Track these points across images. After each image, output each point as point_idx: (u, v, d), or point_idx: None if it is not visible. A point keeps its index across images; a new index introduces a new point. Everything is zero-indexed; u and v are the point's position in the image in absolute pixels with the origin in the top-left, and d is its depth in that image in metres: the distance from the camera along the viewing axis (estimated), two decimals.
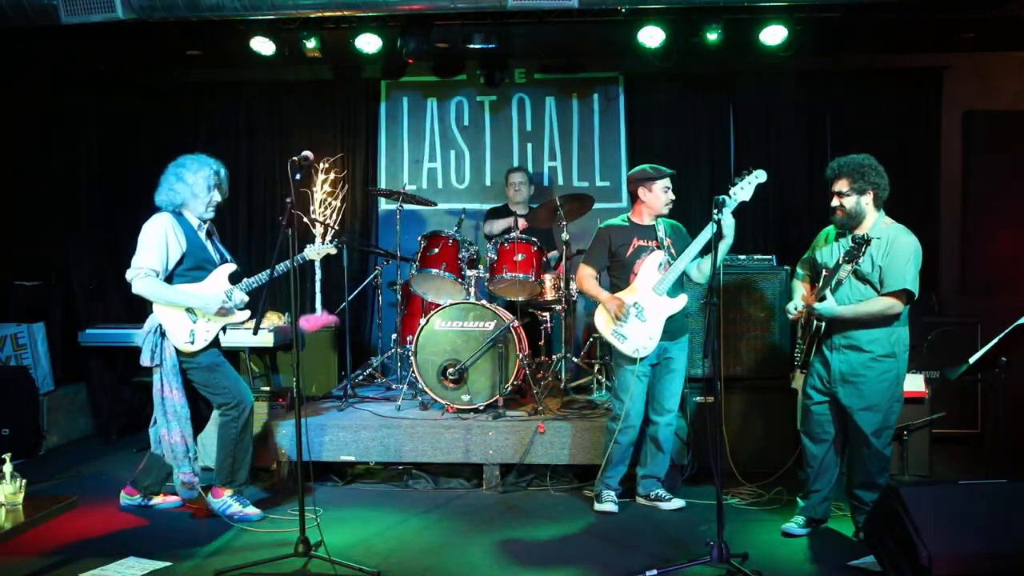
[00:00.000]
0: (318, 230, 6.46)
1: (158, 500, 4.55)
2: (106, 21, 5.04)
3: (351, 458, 4.94)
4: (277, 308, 6.25)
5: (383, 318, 6.39)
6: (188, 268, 4.27)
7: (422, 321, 5.19)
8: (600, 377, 5.62)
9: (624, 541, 4.05)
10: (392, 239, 5.98)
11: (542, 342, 5.81)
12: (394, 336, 5.93)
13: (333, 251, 4.78)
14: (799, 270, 4.23)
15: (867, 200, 3.88)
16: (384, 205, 7.08)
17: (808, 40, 5.93)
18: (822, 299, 3.81)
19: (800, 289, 4.15)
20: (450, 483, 4.96)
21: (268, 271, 4.20)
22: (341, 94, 7.03)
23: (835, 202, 3.93)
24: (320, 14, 5.39)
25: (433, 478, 4.97)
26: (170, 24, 5.32)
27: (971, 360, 3.87)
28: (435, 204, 6.30)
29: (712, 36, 5.75)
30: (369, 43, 6.05)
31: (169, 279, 4.24)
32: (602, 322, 4.39)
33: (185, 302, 4.20)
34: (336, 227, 6.51)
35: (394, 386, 5.77)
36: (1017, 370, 3.87)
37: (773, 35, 5.81)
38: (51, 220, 6.32)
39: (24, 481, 3.66)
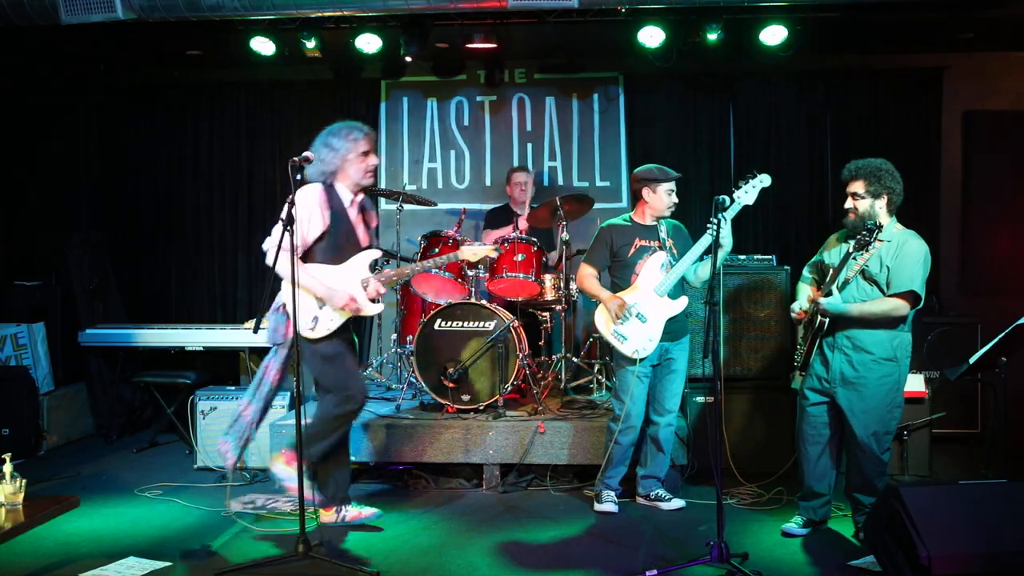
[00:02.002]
0: None
1: (352, 512, 4.21)
2: (106, 21, 5.04)
3: (351, 458, 4.93)
4: None
5: (383, 318, 6.39)
6: (330, 246, 3.97)
7: (422, 321, 5.19)
8: (600, 377, 5.62)
9: (624, 541, 4.05)
10: (392, 239, 5.97)
11: (542, 342, 5.80)
12: (394, 336, 5.92)
13: (493, 255, 4.46)
14: (806, 273, 4.22)
15: (881, 204, 3.86)
16: (384, 205, 7.08)
17: (808, 40, 5.93)
18: (828, 295, 3.81)
19: (806, 291, 4.14)
20: (450, 483, 4.96)
21: (411, 267, 4.08)
22: (341, 94, 7.03)
23: (849, 203, 3.91)
24: (320, 14, 5.38)
25: (433, 478, 4.97)
26: (170, 24, 5.32)
27: (971, 360, 3.87)
28: (435, 204, 6.29)
29: (712, 36, 5.75)
30: (369, 43, 6.05)
31: (308, 255, 3.97)
32: (602, 322, 4.39)
33: (313, 289, 3.92)
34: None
35: (394, 386, 5.76)
36: (1017, 370, 3.87)
37: (773, 35, 5.81)
38: (51, 220, 6.33)
39: (24, 481, 3.66)
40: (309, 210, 3.89)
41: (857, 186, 3.87)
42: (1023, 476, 3.78)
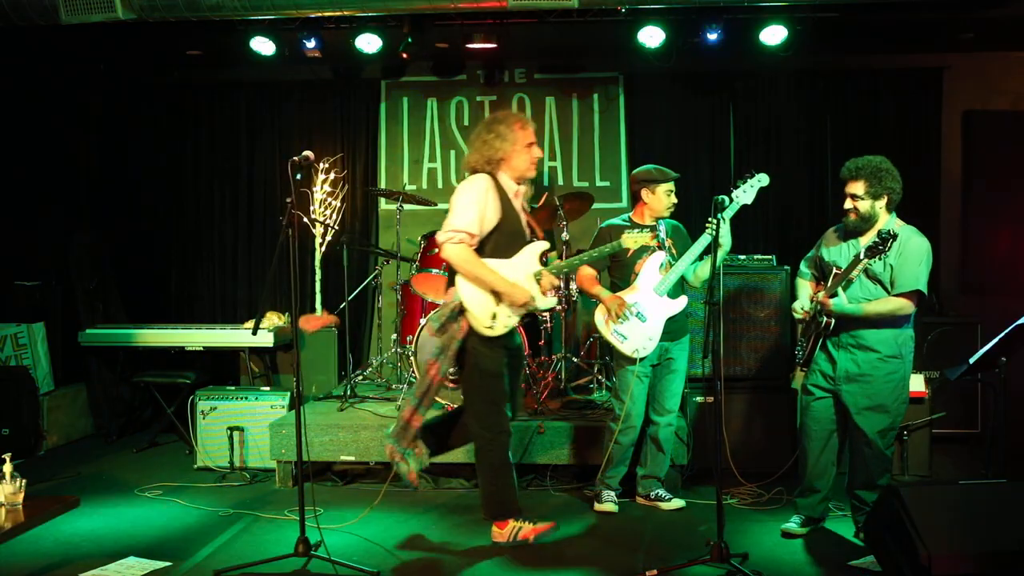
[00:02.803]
0: (318, 230, 6.47)
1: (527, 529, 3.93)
2: (106, 21, 5.04)
3: (351, 458, 4.94)
4: (277, 308, 6.26)
5: (383, 318, 6.39)
6: (501, 239, 3.77)
7: (422, 321, 5.19)
8: (600, 377, 5.62)
9: (624, 541, 4.05)
10: (392, 239, 5.97)
11: (542, 342, 5.80)
12: (394, 336, 5.93)
13: (652, 243, 4.14)
14: (804, 269, 4.20)
15: (881, 204, 3.85)
16: (384, 205, 7.08)
17: (808, 40, 5.93)
18: (834, 296, 3.80)
19: (805, 288, 4.13)
20: (450, 483, 4.96)
21: (579, 258, 3.91)
22: (341, 94, 7.03)
23: (849, 204, 3.88)
24: (320, 14, 5.38)
25: (433, 478, 4.97)
26: (170, 24, 5.32)
27: (971, 360, 3.87)
28: (435, 204, 6.29)
29: (712, 36, 5.75)
30: (369, 43, 6.05)
31: (478, 251, 3.75)
32: (602, 322, 4.39)
33: (493, 283, 3.70)
34: (336, 227, 6.51)
35: (394, 386, 5.77)
36: (1017, 370, 3.87)
37: (773, 35, 5.81)
38: (51, 220, 6.32)
39: (24, 481, 3.65)
40: (484, 200, 3.71)
41: (857, 187, 3.85)
42: (1023, 476, 3.78)
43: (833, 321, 3.87)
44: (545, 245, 3.90)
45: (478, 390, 3.84)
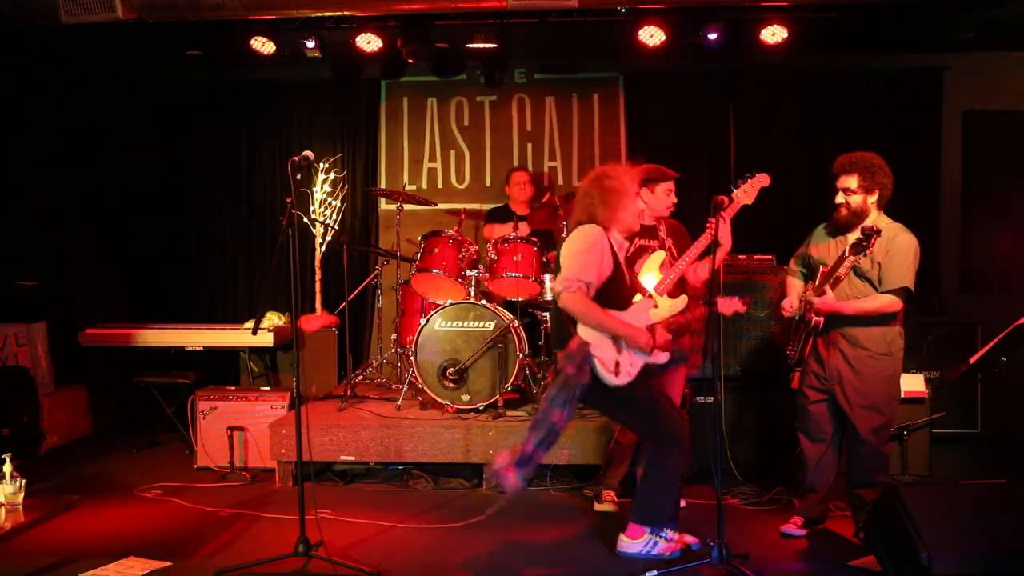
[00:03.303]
0: (318, 230, 6.47)
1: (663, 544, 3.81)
2: (106, 21, 5.04)
3: (351, 458, 4.94)
4: (277, 308, 6.26)
5: (383, 318, 6.39)
6: (612, 292, 3.66)
7: (422, 321, 5.19)
8: None
9: None
10: (392, 239, 5.98)
11: (542, 342, 5.80)
12: (394, 336, 5.93)
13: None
14: (792, 266, 4.19)
15: (873, 200, 3.85)
16: (384, 205, 7.08)
17: (808, 40, 5.93)
18: (821, 294, 3.80)
19: (795, 286, 4.13)
20: (450, 483, 4.96)
21: (682, 299, 3.83)
22: (341, 94, 7.03)
23: (840, 198, 3.88)
24: (320, 14, 5.39)
25: (433, 478, 4.97)
26: (170, 24, 5.33)
27: (971, 360, 3.87)
28: (435, 204, 6.29)
29: (712, 36, 5.75)
30: (369, 43, 6.05)
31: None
32: None
33: (614, 329, 3.59)
34: (336, 227, 6.52)
35: (394, 386, 5.77)
36: (1017, 370, 3.87)
37: (773, 35, 5.81)
38: (51, 220, 6.33)
39: (24, 481, 3.66)
40: (603, 247, 3.62)
41: (851, 181, 3.84)
42: (1023, 476, 3.78)
43: (822, 320, 3.87)
44: (651, 303, 3.77)
45: (627, 419, 3.92)
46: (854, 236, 3.84)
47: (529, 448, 3.62)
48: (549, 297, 5.54)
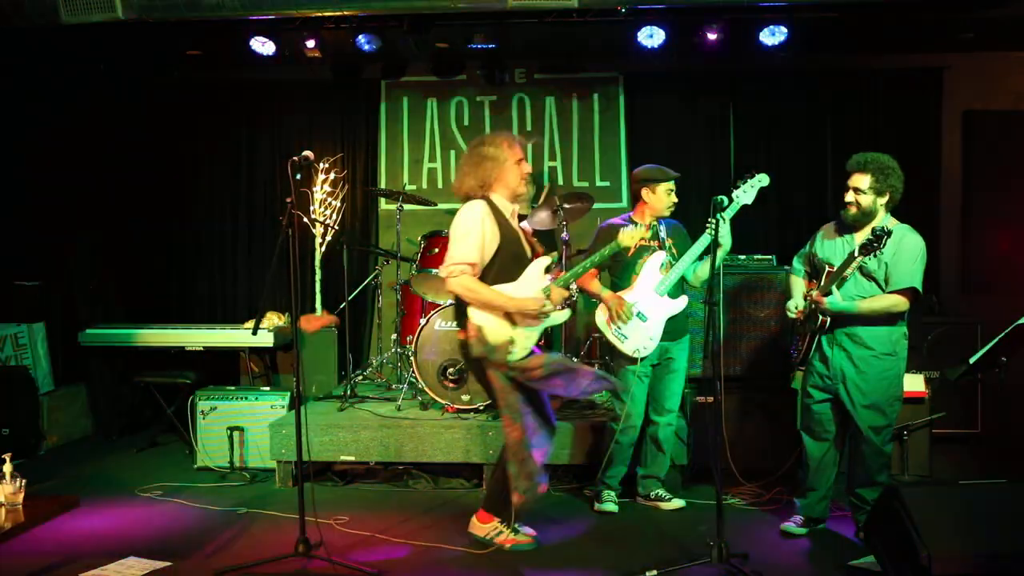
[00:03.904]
0: (318, 230, 6.47)
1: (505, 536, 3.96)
2: (106, 21, 5.04)
3: (351, 458, 4.94)
4: (277, 308, 6.26)
5: (383, 318, 6.39)
6: (504, 263, 3.73)
7: (422, 321, 5.20)
8: None
9: (624, 541, 4.05)
10: (392, 239, 5.97)
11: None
12: (394, 336, 5.93)
13: (647, 233, 4.08)
14: (797, 265, 4.20)
15: (883, 201, 3.84)
16: (384, 205, 7.08)
17: (808, 40, 5.93)
18: (828, 294, 3.80)
19: (799, 286, 4.12)
20: (450, 483, 4.96)
21: (582, 265, 3.89)
22: (341, 94, 7.03)
23: (850, 197, 3.85)
24: (320, 14, 5.39)
25: (433, 478, 4.98)
26: (170, 24, 5.32)
27: (971, 360, 3.87)
28: (435, 204, 6.29)
29: (712, 36, 5.75)
30: (369, 43, 6.05)
31: (482, 277, 3.71)
32: (603, 321, 4.39)
33: (502, 305, 3.67)
34: (336, 227, 6.51)
35: (394, 386, 5.77)
36: (1017, 370, 3.87)
37: (773, 35, 5.81)
38: (51, 220, 6.32)
39: (24, 481, 3.65)
40: (484, 227, 3.68)
41: (863, 181, 3.82)
42: (1023, 476, 3.78)
43: (828, 320, 3.87)
44: (548, 260, 3.84)
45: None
46: (862, 236, 3.85)
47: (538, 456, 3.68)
48: None
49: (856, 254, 3.70)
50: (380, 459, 4.97)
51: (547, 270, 3.80)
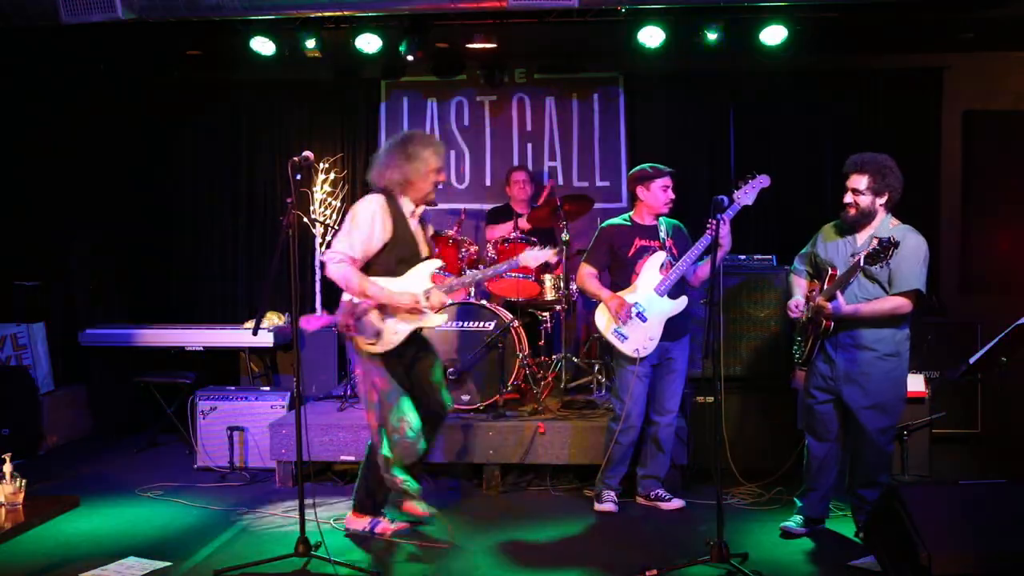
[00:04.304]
0: (318, 230, 6.47)
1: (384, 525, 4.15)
2: (106, 21, 5.04)
3: (351, 458, 4.94)
4: (277, 308, 6.26)
5: None
6: (390, 258, 3.85)
7: None
8: (600, 377, 5.61)
9: (624, 541, 4.05)
10: None
11: (542, 342, 5.80)
12: None
13: (553, 259, 4.21)
14: (798, 266, 4.18)
15: (882, 202, 3.83)
16: None
17: (808, 40, 5.93)
18: (831, 299, 3.79)
19: (801, 286, 4.11)
20: (450, 483, 4.96)
21: (471, 275, 4.06)
22: (341, 94, 7.03)
23: (849, 198, 3.85)
24: (320, 14, 5.39)
25: (433, 478, 4.97)
26: (170, 24, 5.32)
27: (971, 360, 3.86)
28: (435, 204, 6.27)
29: (712, 36, 5.75)
30: (369, 43, 6.05)
31: (367, 267, 3.83)
32: (603, 321, 4.39)
33: (375, 296, 3.77)
34: (336, 227, 6.50)
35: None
36: (1017, 370, 3.87)
37: (773, 35, 5.81)
38: (51, 220, 6.33)
39: (24, 481, 3.66)
40: (372, 224, 3.78)
41: (861, 181, 3.81)
42: (1023, 476, 3.78)
43: (832, 323, 3.86)
44: (437, 263, 3.97)
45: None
46: (863, 236, 3.84)
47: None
48: (550, 297, 5.55)
49: (862, 263, 3.65)
50: None
51: (435, 274, 3.94)
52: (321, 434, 4.90)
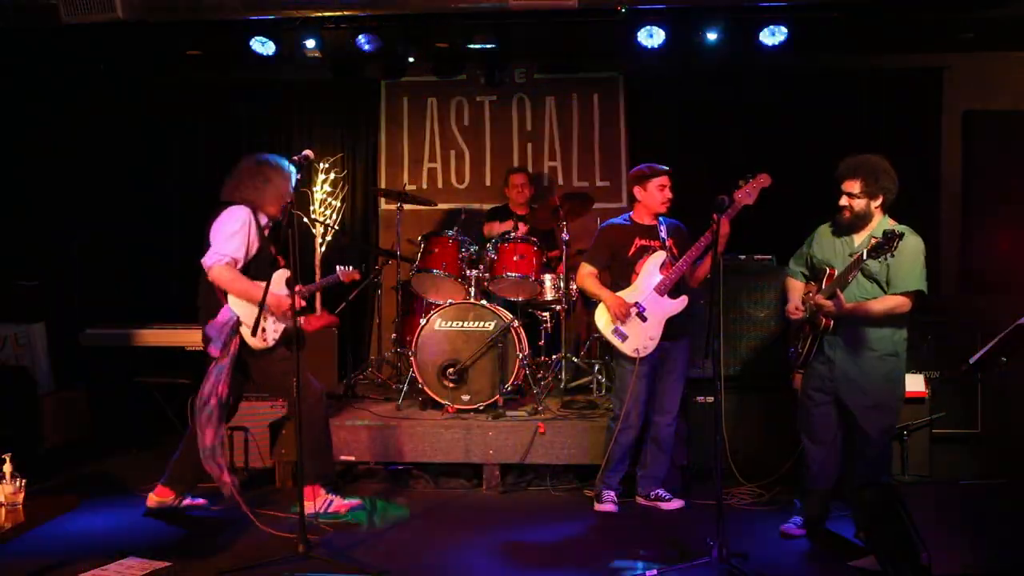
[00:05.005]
0: (318, 230, 6.47)
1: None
2: (106, 21, 5.04)
3: (351, 458, 4.94)
4: None
5: (383, 318, 6.39)
6: (256, 266, 4.17)
7: (422, 321, 5.20)
8: (600, 377, 5.62)
9: (624, 541, 4.05)
10: (392, 239, 5.98)
11: (542, 342, 5.80)
12: (394, 336, 5.93)
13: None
14: (793, 267, 4.18)
15: (876, 204, 3.84)
16: (384, 205, 7.08)
17: (808, 40, 5.93)
18: (831, 297, 3.79)
19: (797, 287, 4.11)
20: (450, 483, 4.96)
21: (321, 281, 4.44)
22: (341, 94, 7.03)
23: (844, 201, 3.86)
24: (320, 14, 5.39)
25: (433, 478, 4.98)
26: (170, 24, 5.32)
27: (971, 360, 3.86)
28: (435, 204, 6.29)
29: (712, 36, 5.75)
30: (369, 43, 6.04)
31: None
32: (603, 321, 4.39)
33: (259, 297, 4.03)
34: (336, 227, 6.51)
35: (394, 386, 5.77)
36: (1017, 370, 3.87)
37: (773, 35, 5.81)
38: (51, 220, 6.33)
39: (24, 481, 3.66)
40: (248, 230, 4.12)
41: (854, 185, 3.82)
42: (1023, 476, 3.78)
43: (832, 322, 3.86)
44: (287, 273, 4.23)
45: (282, 382, 4.21)
46: (861, 237, 3.85)
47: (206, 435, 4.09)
48: (549, 297, 5.55)
49: (865, 257, 3.65)
50: (380, 459, 4.96)
51: (287, 282, 4.22)
52: None
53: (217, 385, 4.10)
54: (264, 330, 4.14)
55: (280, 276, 4.23)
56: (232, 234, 4.09)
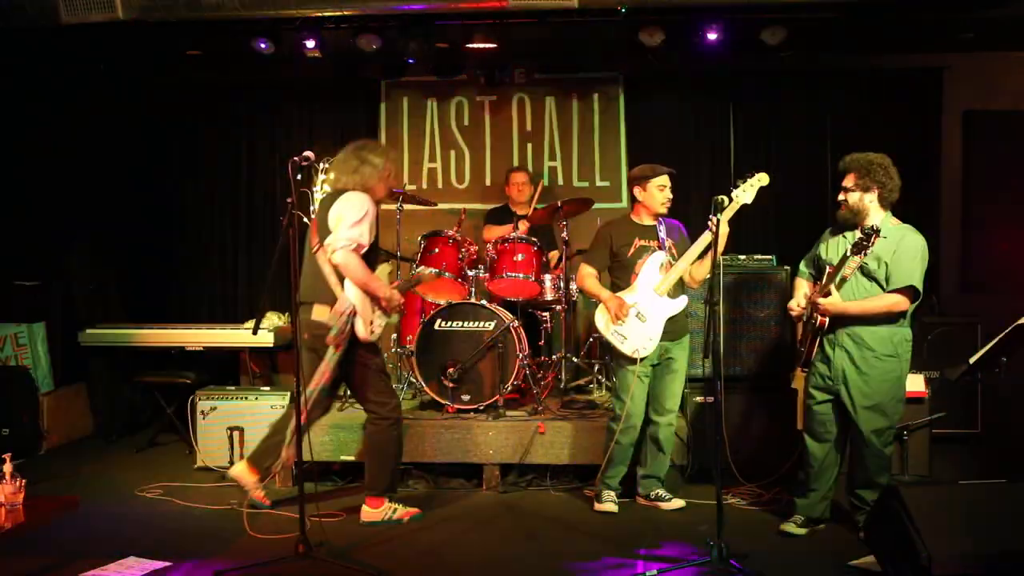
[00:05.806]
0: None
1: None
2: (106, 21, 5.04)
3: (351, 458, 4.94)
4: (277, 308, 6.26)
5: None
6: (369, 256, 4.10)
7: (422, 321, 5.19)
8: (600, 377, 5.61)
9: (624, 541, 4.05)
10: (392, 239, 5.97)
11: (542, 342, 5.80)
12: (394, 336, 5.92)
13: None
14: (802, 268, 4.22)
15: (871, 198, 3.88)
16: (384, 205, 7.06)
17: (808, 40, 5.93)
18: (827, 295, 3.81)
19: (803, 287, 4.14)
20: (450, 483, 4.96)
21: (407, 279, 4.48)
22: (341, 94, 7.03)
23: (841, 197, 3.96)
24: (320, 14, 5.39)
25: (433, 478, 4.97)
26: (170, 24, 5.32)
27: (971, 360, 3.87)
28: (435, 204, 6.29)
29: (712, 36, 5.75)
30: (369, 43, 6.05)
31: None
32: (602, 322, 4.39)
33: (377, 290, 4.04)
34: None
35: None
36: (1017, 370, 3.87)
37: (773, 35, 5.81)
38: (51, 220, 6.32)
39: (24, 481, 3.65)
40: (372, 217, 4.04)
41: (848, 180, 3.92)
42: (1023, 476, 3.78)
43: (827, 320, 3.88)
44: (387, 267, 4.17)
45: (371, 382, 4.21)
46: (855, 235, 3.86)
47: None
48: (550, 297, 5.55)
49: (849, 253, 3.74)
50: None
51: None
52: (321, 434, 4.90)
53: (325, 372, 4.02)
54: (373, 322, 4.09)
55: (383, 271, 4.14)
56: (359, 219, 4.00)
